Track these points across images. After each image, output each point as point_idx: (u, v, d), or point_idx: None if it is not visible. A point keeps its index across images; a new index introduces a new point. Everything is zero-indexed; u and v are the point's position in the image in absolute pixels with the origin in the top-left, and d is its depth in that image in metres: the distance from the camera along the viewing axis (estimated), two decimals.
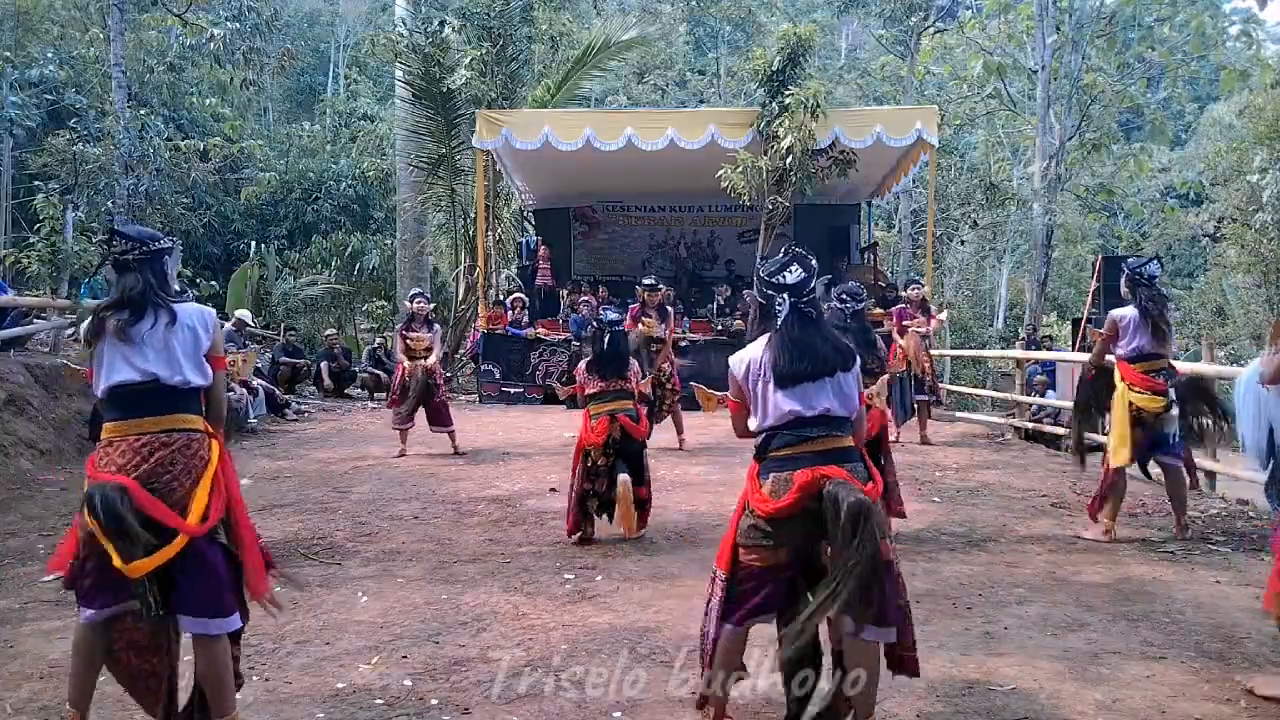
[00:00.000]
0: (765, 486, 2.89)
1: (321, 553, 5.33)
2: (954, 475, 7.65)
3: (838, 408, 2.93)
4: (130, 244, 2.90)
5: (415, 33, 15.93)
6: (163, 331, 2.82)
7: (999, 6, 20.48)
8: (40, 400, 8.32)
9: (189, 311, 2.90)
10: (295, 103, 32.25)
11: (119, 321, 2.80)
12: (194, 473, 2.76)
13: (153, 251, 2.92)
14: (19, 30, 19.97)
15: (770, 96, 13.08)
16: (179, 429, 2.79)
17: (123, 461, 2.72)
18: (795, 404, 2.90)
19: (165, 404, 2.80)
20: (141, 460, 2.72)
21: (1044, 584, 4.65)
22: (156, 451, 2.74)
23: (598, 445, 5.45)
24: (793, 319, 2.97)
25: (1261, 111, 19.89)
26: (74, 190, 15.57)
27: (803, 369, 2.90)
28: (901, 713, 3.16)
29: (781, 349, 2.94)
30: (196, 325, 2.89)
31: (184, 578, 2.72)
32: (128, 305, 2.83)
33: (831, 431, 2.91)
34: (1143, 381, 5.41)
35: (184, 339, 2.85)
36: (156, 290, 2.87)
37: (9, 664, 3.65)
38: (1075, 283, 26.92)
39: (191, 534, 2.69)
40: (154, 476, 2.72)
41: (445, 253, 19.90)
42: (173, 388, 2.81)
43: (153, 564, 2.62)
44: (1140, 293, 5.46)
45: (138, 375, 2.78)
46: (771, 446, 2.94)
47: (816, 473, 2.80)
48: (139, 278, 2.87)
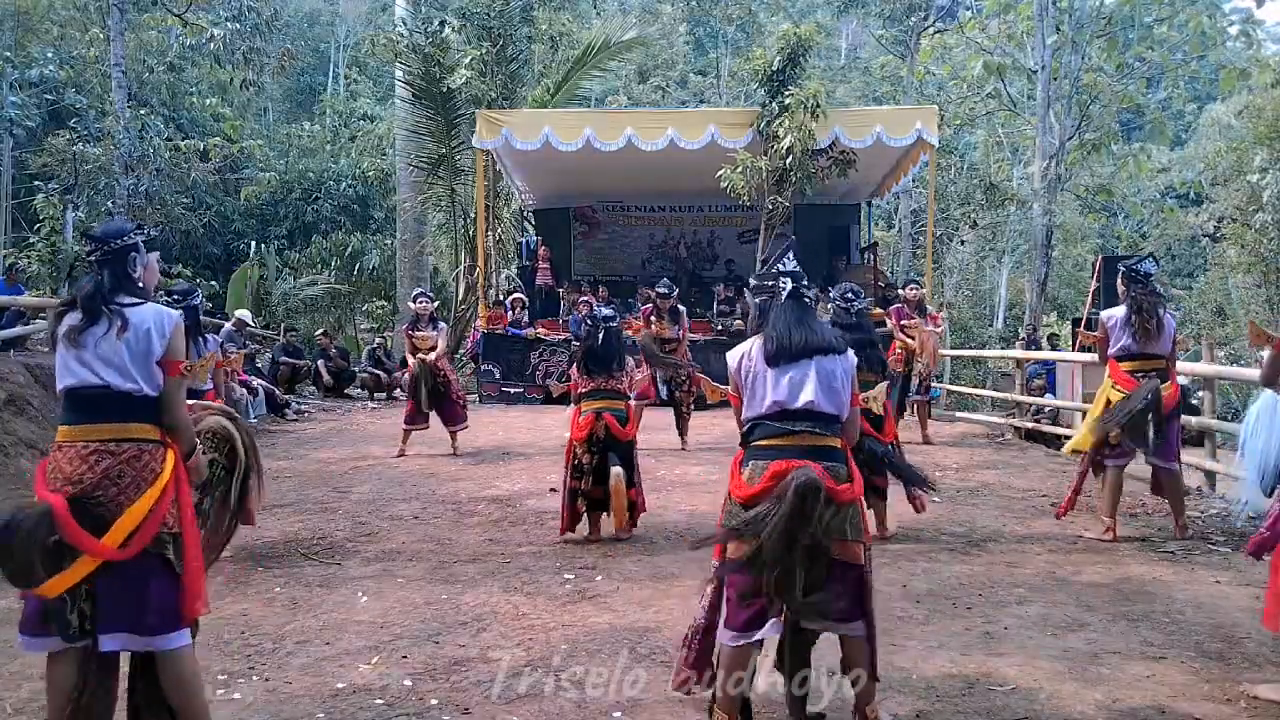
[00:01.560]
0: (744, 473, 2.95)
1: (321, 553, 5.33)
2: (954, 475, 7.65)
3: (824, 403, 2.94)
4: (93, 244, 2.84)
5: (415, 33, 15.94)
6: (114, 336, 2.71)
7: (999, 6, 20.48)
8: (40, 400, 8.31)
9: (145, 314, 2.78)
10: (295, 103, 32.26)
11: (70, 326, 2.74)
12: (142, 486, 2.66)
13: (114, 250, 2.82)
14: (19, 30, 19.98)
15: (770, 96, 13.08)
16: (129, 439, 2.70)
17: (69, 470, 2.65)
18: (780, 395, 2.93)
19: (117, 411, 2.71)
20: (88, 469, 2.65)
21: (1044, 584, 4.65)
22: (103, 461, 2.66)
23: (581, 441, 5.47)
24: (790, 302, 3.06)
25: (1261, 112, 19.90)
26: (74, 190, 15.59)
27: (796, 344, 2.95)
28: (901, 713, 3.16)
29: (773, 329, 3.01)
30: (152, 329, 2.76)
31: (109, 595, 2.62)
32: (80, 308, 2.76)
33: (816, 428, 2.92)
34: (1126, 381, 5.42)
35: (136, 345, 2.73)
36: (108, 293, 2.77)
37: (9, 664, 3.65)
38: (1075, 283, 26.92)
39: (104, 558, 2.59)
40: (99, 488, 2.64)
41: (445, 253, 19.90)
42: (126, 394, 2.71)
43: (64, 583, 2.55)
44: (1133, 290, 5.48)
45: (90, 379, 2.70)
46: (755, 436, 2.98)
47: (792, 465, 2.83)
48: (92, 280, 2.80)
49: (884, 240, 22.66)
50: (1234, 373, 7.98)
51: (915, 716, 3.15)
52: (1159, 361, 5.48)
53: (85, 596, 2.62)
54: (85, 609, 2.62)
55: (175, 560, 2.72)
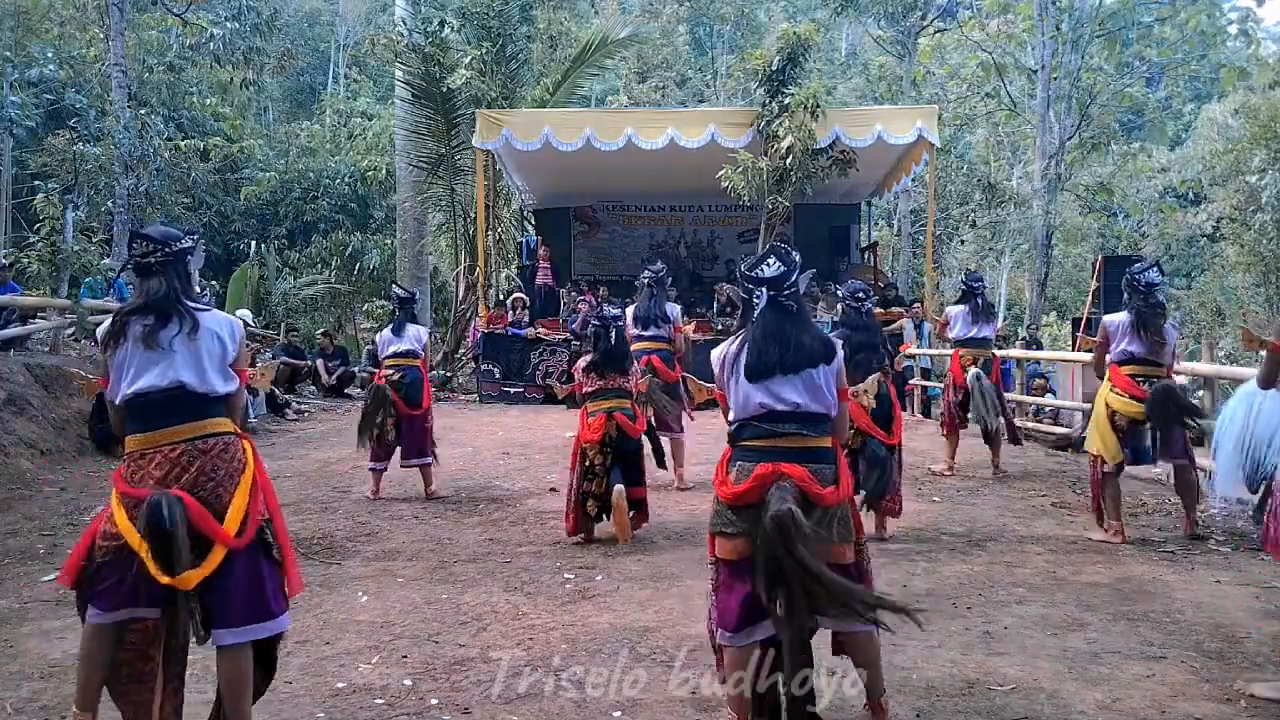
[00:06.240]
0: (731, 473, 2.92)
1: (321, 553, 5.34)
2: (954, 475, 7.65)
3: (810, 403, 2.91)
4: (152, 246, 2.81)
5: (415, 33, 15.94)
6: (188, 337, 2.74)
7: (999, 6, 20.48)
8: (40, 400, 8.31)
9: (217, 320, 2.84)
10: (295, 102, 32.26)
11: (144, 327, 2.72)
12: (235, 476, 2.70)
13: (175, 252, 2.83)
14: (19, 30, 19.97)
15: (770, 96, 13.07)
16: (213, 434, 2.73)
17: (160, 474, 2.64)
18: (765, 397, 2.89)
19: (194, 411, 2.72)
20: (182, 471, 2.65)
21: (1044, 584, 4.65)
22: (196, 460, 2.67)
23: (594, 443, 5.42)
24: (769, 312, 2.96)
25: (1257, 112, 19.91)
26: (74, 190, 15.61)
27: (773, 361, 2.89)
28: (901, 712, 3.16)
29: (752, 342, 2.94)
30: (224, 334, 2.82)
31: (230, 587, 2.66)
32: (152, 310, 2.75)
33: (804, 429, 2.90)
34: (1126, 385, 5.38)
35: (211, 347, 2.77)
36: (180, 295, 2.79)
37: (9, 664, 3.65)
38: (1075, 283, 26.91)
39: (232, 546, 2.63)
40: (198, 486, 2.65)
41: (445, 253, 19.91)
42: (201, 394, 2.73)
43: (200, 575, 2.58)
44: (1135, 299, 5.43)
45: (164, 382, 2.70)
46: (743, 436, 2.95)
47: (778, 469, 2.80)
48: (162, 281, 2.78)
49: (884, 240, 22.65)
50: (1234, 372, 7.97)
51: (915, 716, 3.15)
52: (1160, 369, 5.44)
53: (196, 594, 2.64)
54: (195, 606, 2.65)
55: (275, 544, 2.77)
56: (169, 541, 2.53)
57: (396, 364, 6.89)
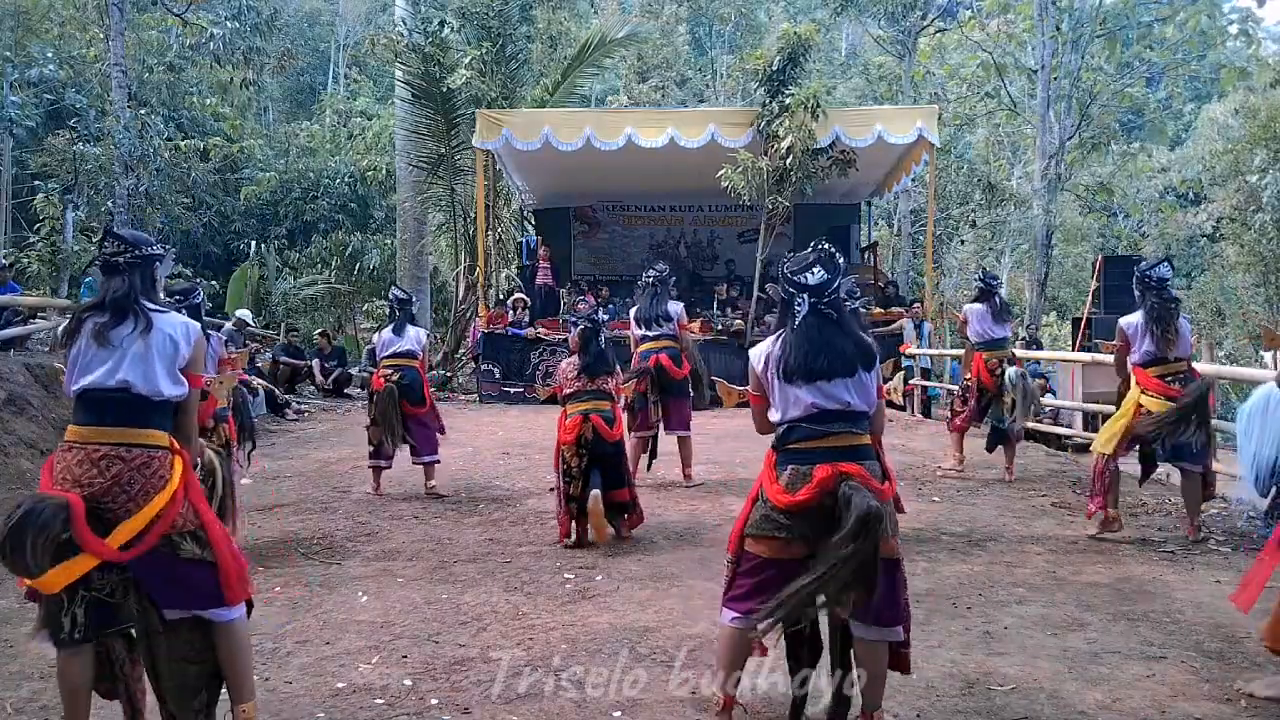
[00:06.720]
0: (782, 478, 2.88)
1: (321, 553, 5.34)
2: (954, 475, 7.65)
3: (858, 402, 2.92)
4: (122, 246, 2.84)
5: (415, 33, 15.93)
6: (140, 336, 2.74)
7: (999, 6, 20.48)
8: (40, 400, 8.31)
9: (173, 322, 2.83)
10: (295, 102, 32.24)
11: (98, 324, 2.74)
12: (151, 493, 2.66)
13: (143, 256, 2.86)
14: (19, 30, 19.96)
15: (770, 96, 13.06)
16: (140, 444, 2.70)
17: (79, 472, 2.64)
18: (816, 397, 2.88)
19: (133, 415, 2.71)
20: (98, 474, 2.64)
21: (1044, 584, 4.66)
22: (114, 466, 2.65)
23: (570, 444, 5.39)
24: (811, 319, 2.94)
25: (1256, 113, 19.91)
26: (74, 190, 15.60)
27: (818, 367, 2.88)
28: (902, 712, 3.16)
29: (795, 347, 2.92)
30: (178, 336, 2.80)
31: (155, 578, 2.69)
32: (109, 308, 2.77)
33: (851, 427, 2.91)
34: (1159, 388, 5.30)
35: (163, 347, 2.76)
36: (139, 296, 2.80)
37: (9, 664, 3.65)
38: (1075, 283, 26.91)
39: (104, 559, 2.60)
40: (109, 494, 2.63)
41: (445, 253, 19.90)
42: (144, 398, 2.72)
43: (61, 579, 2.56)
44: (1149, 297, 5.38)
45: (110, 381, 2.70)
46: (791, 438, 2.92)
47: (837, 469, 2.80)
48: (125, 280, 2.80)
49: (884, 240, 22.65)
50: (1234, 372, 7.98)
51: (915, 716, 3.15)
52: (1182, 365, 5.40)
53: (81, 601, 2.63)
54: (79, 614, 2.63)
55: (201, 553, 2.73)
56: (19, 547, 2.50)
57: (395, 364, 6.90)
